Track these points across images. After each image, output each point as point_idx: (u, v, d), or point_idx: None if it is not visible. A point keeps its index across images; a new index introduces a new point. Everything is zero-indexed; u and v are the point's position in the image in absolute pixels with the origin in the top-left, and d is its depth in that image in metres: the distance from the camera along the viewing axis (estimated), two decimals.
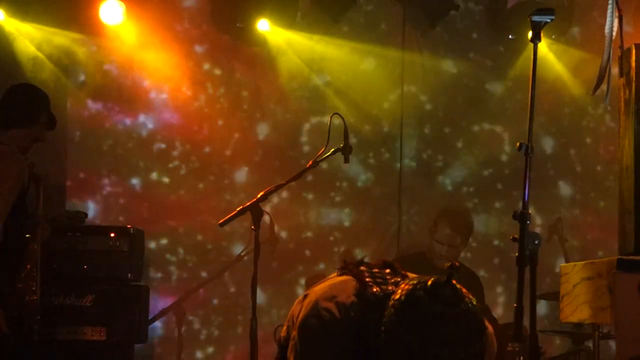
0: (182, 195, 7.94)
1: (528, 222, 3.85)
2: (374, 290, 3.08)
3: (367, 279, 3.14)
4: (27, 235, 5.78)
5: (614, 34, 4.15)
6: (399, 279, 3.11)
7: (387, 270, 3.22)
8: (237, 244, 7.83)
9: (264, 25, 7.68)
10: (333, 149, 5.77)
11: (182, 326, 7.67)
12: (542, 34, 3.97)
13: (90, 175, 7.92)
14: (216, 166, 7.95)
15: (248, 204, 5.66)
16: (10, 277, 5.67)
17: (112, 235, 6.96)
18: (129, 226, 7.09)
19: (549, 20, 3.98)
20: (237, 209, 5.67)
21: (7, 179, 5.41)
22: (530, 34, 3.92)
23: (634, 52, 4.02)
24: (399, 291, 2.93)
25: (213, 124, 7.97)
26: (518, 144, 3.95)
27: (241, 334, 7.66)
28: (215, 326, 7.90)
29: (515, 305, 3.84)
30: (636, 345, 3.86)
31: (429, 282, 2.89)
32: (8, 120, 5.69)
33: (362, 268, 3.25)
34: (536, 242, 3.88)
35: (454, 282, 2.91)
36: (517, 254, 3.84)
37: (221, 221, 5.74)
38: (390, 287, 3.06)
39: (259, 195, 5.67)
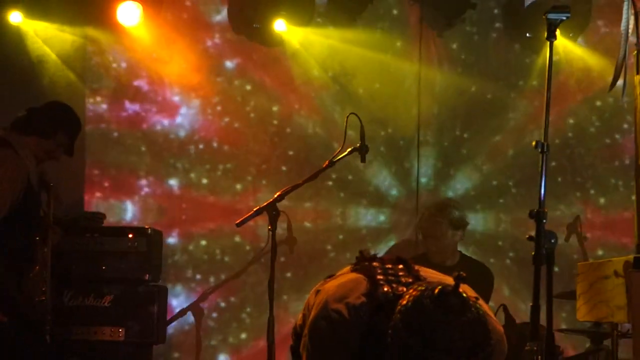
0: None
1: (544, 220, 3.84)
2: (385, 289, 3.09)
3: (379, 277, 3.15)
4: (37, 238, 5.89)
5: (630, 31, 4.13)
6: (410, 280, 3.12)
7: (400, 266, 3.23)
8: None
9: (280, 26, 7.67)
10: (350, 149, 5.78)
11: (200, 327, 7.68)
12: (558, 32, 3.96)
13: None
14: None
15: (265, 204, 5.68)
16: (17, 278, 5.80)
17: (130, 236, 6.97)
18: (146, 227, 7.10)
19: (564, 18, 3.98)
20: (254, 209, 5.69)
21: (2, 181, 5.63)
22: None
23: None
24: (407, 296, 2.93)
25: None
26: (534, 142, 3.95)
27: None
28: (234, 327, 7.90)
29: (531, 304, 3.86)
30: None
31: (436, 290, 2.88)
32: (28, 126, 5.99)
33: (375, 264, 3.27)
34: (552, 240, 3.88)
35: (461, 290, 2.90)
36: (533, 253, 3.85)
37: (238, 221, 5.77)
38: (401, 288, 3.06)
39: (275, 195, 5.69)
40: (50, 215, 5.98)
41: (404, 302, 2.92)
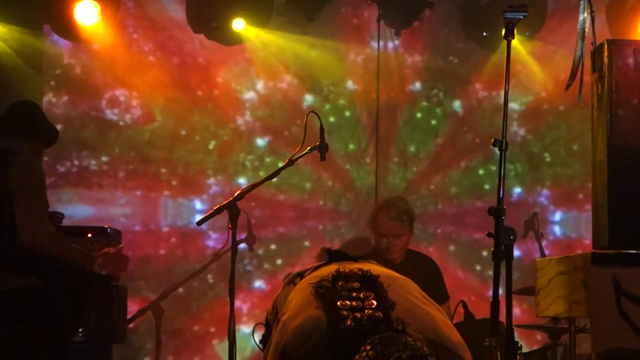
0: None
1: (503, 217, 3.88)
2: (348, 323, 3.05)
3: (342, 303, 3.12)
4: None
5: (587, 30, 4.19)
6: (374, 303, 3.11)
7: (361, 284, 3.22)
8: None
9: (239, 25, 7.68)
10: (309, 148, 5.77)
11: (161, 326, 7.67)
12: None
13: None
14: None
15: (225, 203, 5.67)
16: None
17: (90, 235, 6.93)
18: (106, 226, 7.07)
19: (522, 17, 4.00)
20: (214, 208, 5.67)
21: (42, 185, 5.42)
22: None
23: (606, 48, 4.06)
24: (364, 354, 2.83)
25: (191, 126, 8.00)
26: (493, 139, 3.99)
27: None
28: (198, 325, 7.92)
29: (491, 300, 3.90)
30: (611, 339, 3.90)
31: None
32: (29, 133, 5.68)
33: (339, 284, 3.22)
34: (512, 237, 3.92)
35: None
36: (492, 249, 3.90)
37: (199, 220, 5.75)
38: (366, 316, 3.06)
39: (236, 194, 5.68)
40: None
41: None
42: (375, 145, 8.08)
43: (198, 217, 6.34)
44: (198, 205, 7.95)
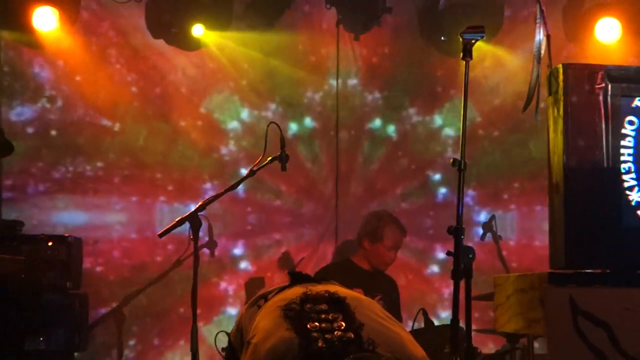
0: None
1: (462, 236, 3.95)
2: (319, 345, 3.10)
3: (312, 325, 3.17)
4: None
5: (542, 52, 4.26)
6: (343, 325, 3.16)
7: (329, 306, 3.28)
8: None
9: (198, 30, 7.69)
10: (270, 158, 5.79)
11: (122, 333, 7.67)
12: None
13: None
14: None
15: (187, 214, 5.69)
16: None
17: (50, 244, 6.93)
18: (66, 234, 7.06)
19: (479, 38, 4.06)
20: (177, 220, 5.68)
21: None
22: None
23: (561, 71, 4.13)
24: None
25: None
26: (452, 159, 4.05)
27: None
28: (155, 335, 7.94)
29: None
30: (568, 357, 3.99)
31: None
32: None
33: (307, 306, 3.27)
34: (470, 256, 3.99)
35: None
36: (452, 268, 3.96)
37: (160, 232, 5.76)
38: (336, 337, 3.12)
39: (198, 206, 5.70)
40: None
41: None
42: (337, 155, 8.15)
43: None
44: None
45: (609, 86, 4.12)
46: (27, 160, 7.83)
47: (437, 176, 8.27)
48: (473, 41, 4.05)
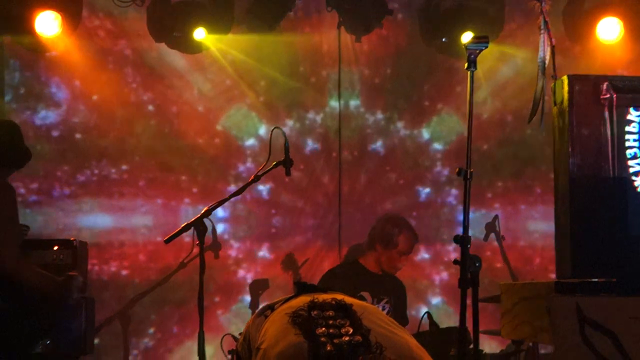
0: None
1: (469, 245, 3.98)
2: (328, 349, 3.16)
3: (320, 330, 3.23)
4: None
5: (547, 63, 4.29)
6: (351, 330, 3.21)
7: (335, 313, 3.33)
8: None
9: (200, 34, 7.70)
10: (275, 163, 5.82)
11: (128, 336, 7.70)
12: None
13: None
14: None
15: (193, 219, 5.72)
16: None
17: (56, 248, 6.95)
18: (72, 238, 7.08)
19: (483, 48, 4.08)
20: (182, 225, 5.71)
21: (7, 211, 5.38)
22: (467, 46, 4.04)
23: (566, 83, 4.16)
24: None
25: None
26: (457, 169, 4.08)
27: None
28: (165, 337, 7.98)
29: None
30: None
31: None
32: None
33: (314, 313, 3.33)
34: (477, 264, 4.02)
35: None
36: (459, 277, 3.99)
37: (166, 238, 5.79)
38: (344, 342, 3.16)
39: (203, 211, 5.72)
40: None
41: None
42: (339, 159, 8.19)
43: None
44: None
45: (614, 97, 4.14)
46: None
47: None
48: (477, 51, 4.07)
